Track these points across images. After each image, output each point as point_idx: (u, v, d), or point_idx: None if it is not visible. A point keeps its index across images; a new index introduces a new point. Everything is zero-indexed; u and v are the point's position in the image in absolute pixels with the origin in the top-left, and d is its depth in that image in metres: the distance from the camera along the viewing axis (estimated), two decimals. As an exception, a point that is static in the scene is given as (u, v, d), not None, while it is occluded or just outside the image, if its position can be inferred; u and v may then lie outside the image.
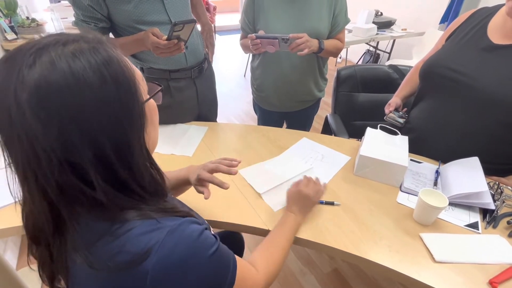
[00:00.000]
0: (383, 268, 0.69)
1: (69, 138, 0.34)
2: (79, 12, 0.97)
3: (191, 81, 1.20)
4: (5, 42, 2.16)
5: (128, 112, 0.38)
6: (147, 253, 0.37)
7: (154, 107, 0.46)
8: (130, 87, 0.38)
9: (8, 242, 1.48)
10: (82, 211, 0.38)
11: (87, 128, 0.34)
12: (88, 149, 0.35)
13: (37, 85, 0.32)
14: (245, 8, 1.24)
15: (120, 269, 0.37)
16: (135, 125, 0.39)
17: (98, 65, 0.35)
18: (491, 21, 0.94)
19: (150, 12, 1.01)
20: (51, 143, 0.33)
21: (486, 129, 0.92)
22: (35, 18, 2.39)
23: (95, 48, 0.36)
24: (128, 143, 0.38)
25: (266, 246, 0.66)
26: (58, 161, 0.34)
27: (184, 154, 1.07)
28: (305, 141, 1.15)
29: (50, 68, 0.32)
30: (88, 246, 0.38)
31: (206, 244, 0.42)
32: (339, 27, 1.22)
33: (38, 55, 0.33)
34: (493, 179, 0.95)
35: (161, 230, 0.39)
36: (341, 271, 1.50)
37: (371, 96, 1.54)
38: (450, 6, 3.01)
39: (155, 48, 0.93)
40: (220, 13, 5.92)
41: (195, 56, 1.17)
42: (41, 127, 0.32)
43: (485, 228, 0.79)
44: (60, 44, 0.34)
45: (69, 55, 0.33)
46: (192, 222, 0.42)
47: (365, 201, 0.87)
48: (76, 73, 0.33)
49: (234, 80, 3.86)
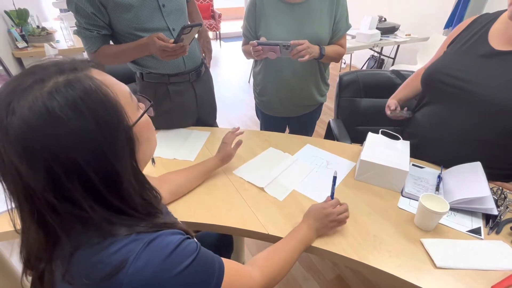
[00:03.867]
0: (383, 273, 0.69)
1: (56, 176, 0.35)
2: (82, 20, 0.99)
3: (190, 85, 1.24)
4: (16, 50, 2.23)
5: (112, 144, 0.37)
6: (122, 264, 0.37)
7: (146, 124, 0.46)
8: (111, 117, 0.37)
9: (14, 245, 1.50)
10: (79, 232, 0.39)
11: (72, 165, 0.35)
12: (77, 184, 0.36)
13: (19, 129, 0.33)
14: (247, 14, 1.26)
15: (97, 280, 0.36)
16: (121, 154, 0.39)
17: (75, 100, 0.35)
18: (493, 27, 0.94)
19: (149, 20, 1.04)
20: (41, 183, 0.35)
21: (488, 134, 0.91)
22: (45, 27, 2.47)
23: (69, 81, 0.36)
24: (115, 173, 0.38)
25: (272, 252, 0.66)
26: (51, 196, 0.36)
27: (186, 159, 1.08)
28: (308, 148, 1.15)
29: (29, 112, 0.33)
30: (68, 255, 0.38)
31: (182, 256, 0.41)
32: (340, 33, 1.24)
33: (17, 99, 0.34)
34: (497, 184, 0.94)
35: (138, 242, 0.39)
36: (344, 278, 1.49)
37: (374, 101, 1.54)
38: (455, 11, 3.01)
39: (162, 52, 0.96)
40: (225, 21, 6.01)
41: (193, 60, 1.21)
42: (29, 170, 0.34)
43: (487, 234, 0.78)
44: (37, 84, 0.35)
45: (45, 95, 0.34)
46: (172, 233, 0.42)
47: (366, 206, 0.87)
48: (53, 113, 0.34)
49: (238, 85, 3.90)
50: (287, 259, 0.66)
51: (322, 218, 0.75)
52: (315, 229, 0.74)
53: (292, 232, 0.73)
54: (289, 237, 0.71)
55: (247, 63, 4.43)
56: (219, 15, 5.35)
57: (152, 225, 0.43)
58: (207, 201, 0.89)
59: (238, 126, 1.04)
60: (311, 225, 0.74)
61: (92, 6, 0.96)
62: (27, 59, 2.26)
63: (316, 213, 0.76)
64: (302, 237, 0.71)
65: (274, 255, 0.65)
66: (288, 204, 0.88)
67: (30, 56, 2.25)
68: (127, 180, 0.40)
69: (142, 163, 0.45)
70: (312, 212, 0.77)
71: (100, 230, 0.39)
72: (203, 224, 0.82)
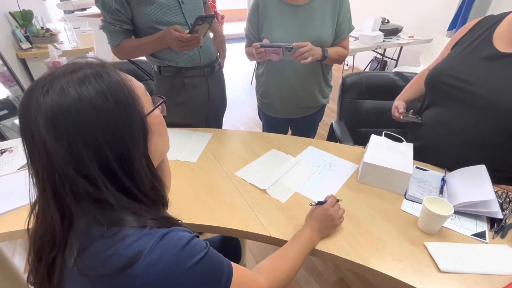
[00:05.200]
0: (385, 276, 0.68)
1: (78, 152, 0.39)
2: (107, 15, 1.08)
3: (204, 79, 1.29)
4: (20, 51, 2.24)
5: (128, 128, 0.42)
6: (138, 256, 0.38)
7: (159, 119, 0.50)
8: (129, 105, 0.42)
9: (17, 246, 1.51)
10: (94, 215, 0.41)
11: (92, 143, 0.39)
12: (94, 161, 0.40)
13: (50, 110, 0.38)
14: (250, 16, 1.26)
15: (111, 272, 0.38)
16: (135, 138, 0.43)
17: (102, 88, 0.40)
18: (497, 29, 0.93)
19: (169, 14, 1.12)
20: (63, 156, 0.39)
21: (492, 137, 0.90)
22: (49, 28, 2.48)
23: (98, 73, 0.41)
24: (129, 155, 0.42)
25: (276, 256, 0.66)
26: (70, 169, 0.39)
27: (188, 160, 1.08)
28: (311, 150, 1.15)
29: (61, 94, 0.38)
30: (83, 249, 0.40)
31: (195, 251, 0.43)
32: (343, 34, 1.23)
33: (51, 84, 0.39)
34: (502, 187, 0.93)
35: (152, 235, 0.41)
36: (346, 281, 1.48)
37: (376, 103, 1.53)
38: (458, 13, 3.00)
39: (178, 42, 1.03)
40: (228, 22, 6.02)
41: (208, 55, 1.27)
42: (54, 143, 0.38)
43: (492, 238, 0.78)
44: (68, 73, 0.40)
45: (76, 82, 0.39)
46: (182, 230, 0.44)
47: (369, 209, 0.87)
48: (82, 97, 0.39)
49: (241, 87, 3.90)
50: (292, 266, 0.65)
51: (325, 220, 0.75)
52: (318, 232, 0.74)
53: (295, 236, 0.73)
54: (293, 242, 0.71)
55: (249, 64, 4.43)
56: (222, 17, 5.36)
57: (158, 217, 0.45)
58: (210, 203, 0.88)
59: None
60: (315, 228, 0.74)
61: (117, 2, 1.04)
62: (31, 60, 2.28)
63: (319, 215, 0.76)
64: (307, 241, 0.71)
65: (280, 262, 0.65)
66: (290, 206, 0.88)
67: (34, 57, 2.26)
68: (138, 162, 0.43)
69: (154, 155, 0.48)
70: (315, 214, 0.77)
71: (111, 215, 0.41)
72: (206, 226, 0.82)
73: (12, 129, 1.69)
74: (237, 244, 1.04)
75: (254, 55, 1.14)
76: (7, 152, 1.10)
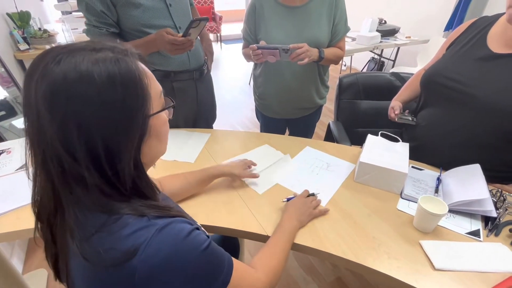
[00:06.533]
0: (381, 275, 0.69)
1: (69, 130, 0.37)
2: (92, 18, 1.03)
3: (193, 83, 1.28)
4: (18, 52, 2.24)
5: (127, 122, 0.40)
6: (135, 250, 0.38)
7: (163, 122, 0.47)
8: (138, 99, 0.41)
9: (15, 247, 1.51)
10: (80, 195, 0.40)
11: (85, 127, 0.38)
12: (83, 144, 0.38)
13: (54, 80, 0.36)
14: (247, 17, 1.27)
15: (109, 265, 0.38)
16: (130, 135, 0.41)
17: (114, 74, 0.38)
18: (491, 30, 0.94)
19: (157, 17, 1.08)
20: (54, 130, 0.37)
21: (487, 137, 0.91)
22: (47, 29, 2.48)
23: (118, 60, 0.39)
24: (118, 149, 0.40)
25: (266, 250, 0.68)
26: (59, 146, 0.38)
27: (186, 161, 1.08)
28: (308, 150, 1.16)
29: (71, 67, 0.37)
30: (85, 238, 0.39)
31: (195, 243, 0.42)
32: (339, 35, 1.24)
33: (67, 55, 0.38)
34: (496, 186, 0.94)
35: (150, 228, 0.40)
36: (344, 280, 1.48)
37: (374, 104, 1.54)
38: (455, 14, 3.02)
39: (171, 46, 0.99)
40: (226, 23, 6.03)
41: (197, 58, 1.26)
42: (48, 114, 0.37)
43: (486, 236, 0.78)
44: (89, 50, 0.39)
45: (92, 60, 0.38)
46: (183, 221, 0.43)
47: (365, 208, 0.87)
48: (91, 74, 0.37)
49: (239, 87, 3.91)
50: (281, 254, 0.68)
51: (300, 206, 0.82)
52: (296, 217, 0.79)
53: (278, 227, 0.76)
54: (278, 232, 0.74)
55: (247, 65, 4.44)
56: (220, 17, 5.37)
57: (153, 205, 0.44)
58: (207, 203, 0.89)
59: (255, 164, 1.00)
60: (292, 214, 0.79)
61: (102, 4, 1.00)
62: (29, 62, 2.25)
63: (294, 205, 0.82)
64: (289, 228, 0.75)
65: (270, 253, 0.67)
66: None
67: (32, 59, 2.24)
68: (125, 160, 0.41)
69: (146, 156, 0.46)
70: (290, 204, 0.83)
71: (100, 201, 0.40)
72: (203, 225, 0.82)
73: (10, 130, 1.68)
74: (236, 242, 1.05)
75: (251, 56, 1.15)
76: (5, 153, 1.10)
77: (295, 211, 0.80)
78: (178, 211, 0.47)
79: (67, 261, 0.44)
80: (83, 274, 0.42)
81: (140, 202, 0.43)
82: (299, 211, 0.81)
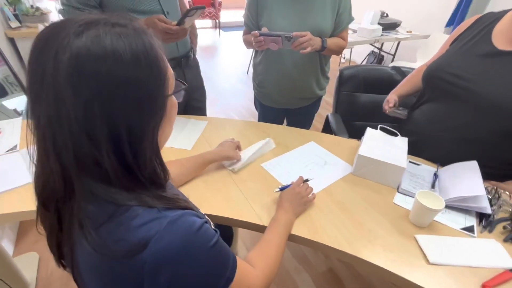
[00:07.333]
0: (376, 267, 0.69)
1: (92, 108, 0.35)
2: None
3: (181, 70, 1.26)
4: (9, 30, 2.15)
5: (151, 101, 0.39)
6: (145, 243, 0.37)
7: (174, 105, 0.46)
8: (160, 78, 0.39)
9: (6, 229, 1.48)
10: (90, 182, 0.39)
11: (110, 103, 0.35)
12: (105, 125, 0.36)
13: (78, 52, 0.33)
14: (249, 3, 1.23)
15: (118, 257, 0.37)
16: (153, 115, 0.40)
17: (138, 49, 0.36)
18: (496, 27, 0.93)
19: (144, 2, 1.03)
20: (75, 109, 0.34)
21: (486, 134, 0.91)
22: (40, 7, 2.39)
23: (139, 35, 0.37)
24: (141, 130, 0.39)
25: (262, 246, 0.67)
26: (77, 127, 0.35)
27: (183, 148, 1.07)
28: (312, 145, 1.13)
29: (95, 41, 0.34)
30: (94, 228, 0.38)
31: (205, 238, 0.42)
32: (343, 25, 1.22)
33: (87, 27, 0.35)
34: (492, 183, 0.95)
35: (160, 220, 0.39)
36: (336, 271, 1.51)
37: (373, 97, 1.53)
38: (457, 9, 3.00)
39: (165, 34, 0.95)
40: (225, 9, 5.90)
41: (184, 45, 1.23)
42: (71, 92, 0.34)
43: (480, 232, 0.79)
44: (109, 24, 0.36)
45: (114, 34, 0.35)
46: (193, 215, 0.42)
47: (362, 201, 0.87)
48: (116, 51, 0.35)
49: (236, 76, 3.86)
50: (277, 250, 0.67)
51: (295, 198, 0.79)
52: (292, 211, 0.78)
53: (273, 221, 0.75)
54: (273, 227, 0.73)
55: (246, 54, 4.38)
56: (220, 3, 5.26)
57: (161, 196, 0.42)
58: (204, 191, 0.88)
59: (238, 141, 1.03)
60: (288, 208, 0.77)
61: None
62: (21, 40, 2.19)
63: (288, 196, 0.80)
64: (284, 222, 0.74)
65: (266, 249, 0.66)
66: (284, 196, 0.88)
67: (24, 37, 2.18)
68: (147, 141, 0.40)
69: (160, 140, 0.44)
70: (284, 196, 0.81)
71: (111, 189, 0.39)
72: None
73: (1, 111, 1.64)
74: (229, 232, 1.05)
75: (252, 43, 1.12)
76: (-5, 133, 1.06)
77: (290, 203, 0.78)
78: (185, 200, 0.45)
79: (72, 248, 0.42)
80: (90, 262, 0.40)
81: (149, 192, 0.42)
82: (295, 202, 0.79)
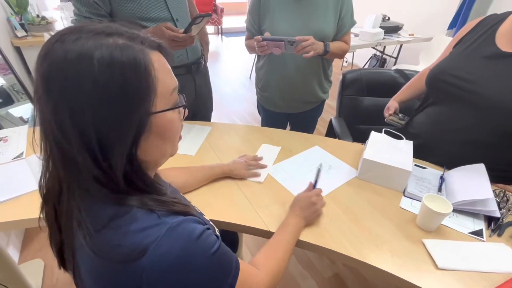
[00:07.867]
0: (384, 273, 0.68)
1: (62, 112, 0.35)
2: (83, 8, 0.98)
3: (191, 77, 1.26)
4: (15, 39, 2.19)
5: (121, 115, 0.37)
6: (144, 250, 0.37)
7: (169, 121, 0.42)
8: (137, 93, 0.37)
9: (11, 236, 1.49)
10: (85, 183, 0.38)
11: (79, 113, 0.35)
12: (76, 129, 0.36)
13: (54, 58, 0.35)
14: (251, 8, 1.24)
15: (116, 262, 0.37)
16: (123, 129, 0.37)
17: (115, 60, 0.35)
18: (500, 28, 0.93)
19: (153, 9, 1.04)
20: (50, 112, 0.36)
21: (492, 136, 0.90)
22: (45, 16, 2.43)
23: (125, 45, 0.37)
24: (111, 141, 0.37)
25: (268, 248, 0.66)
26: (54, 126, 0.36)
27: (187, 153, 1.07)
28: (316, 149, 1.12)
29: (73, 48, 0.35)
30: (93, 231, 0.38)
31: (206, 245, 0.41)
32: (345, 29, 1.22)
33: (73, 36, 0.36)
34: (499, 186, 0.93)
35: (160, 227, 0.38)
36: (342, 276, 1.49)
37: (376, 100, 1.53)
38: (459, 12, 2.99)
39: (172, 42, 0.96)
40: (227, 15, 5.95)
41: (194, 52, 1.24)
42: (45, 96, 0.36)
43: (489, 236, 0.78)
44: (99, 33, 0.37)
45: (96, 43, 0.35)
46: (194, 221, 0.42)
47: (368, 205, 0.87)
48: (90, 58, 0.34)
49: (239, 81, 3.87)
50: (284, 255, 0.66)
51: (308, 206, 0.77)
52: (303, 218, 0.76)
53: (282, 226, 0.74)
54: (281, 232, 0.72)
55: (248, 59, 4.40)
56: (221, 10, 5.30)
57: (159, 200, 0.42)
58: (208, 196, 0.88)
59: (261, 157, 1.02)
60: (299, 215, 0.76)
61: None
62: (26, 48, 2.23)
63: (302, 203, 0.77)
64: (293, 229, 0.72)
65: (272, 253, 0.65)
66: (289, 202, 0.87)
67: (30, 46, 2.21)
68: (118, 154, 0.38)
69: (147, 155, 0.42)
70: (298, 201, 0.78)
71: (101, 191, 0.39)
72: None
73: (7, 119, 1.66)
74: (235, 237, 1.04)
75: (255, 48, 1.13)
76: (2, 141, 1.08)
77: (303, 210, 0.76)
78: (186, 205, 0.45)
79: (73, 250, 0.42)
80: (90, 265, 0.40)
81: (148, 196, 0.41)
82: (308, 210, 0.76)
